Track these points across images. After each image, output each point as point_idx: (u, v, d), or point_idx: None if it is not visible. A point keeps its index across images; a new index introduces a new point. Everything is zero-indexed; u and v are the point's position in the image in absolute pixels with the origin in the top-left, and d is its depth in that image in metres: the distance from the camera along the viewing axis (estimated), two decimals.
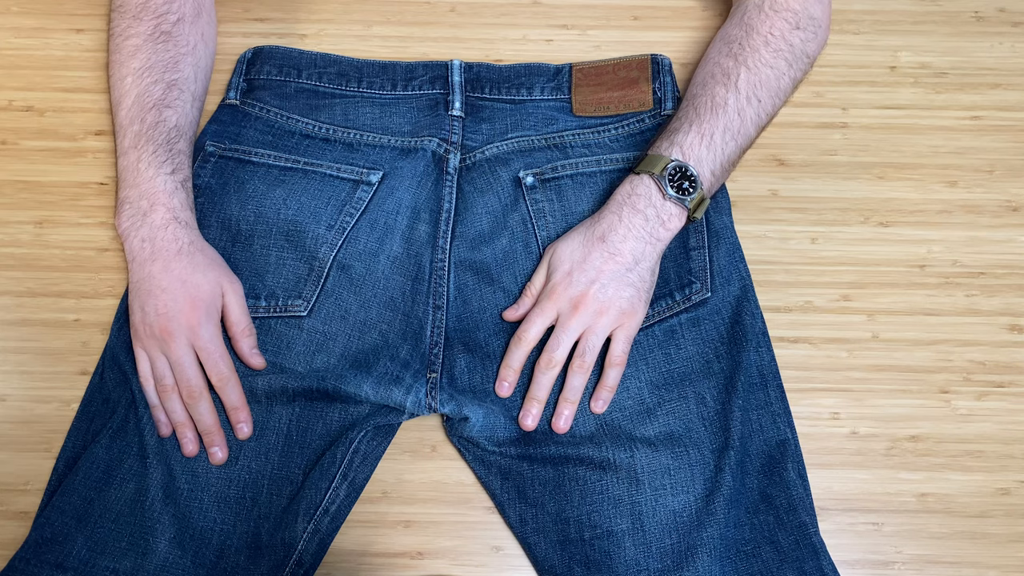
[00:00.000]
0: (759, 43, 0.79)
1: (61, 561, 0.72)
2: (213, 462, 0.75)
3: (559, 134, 0.85)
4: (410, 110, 0.86)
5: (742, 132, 0.77)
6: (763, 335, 0.79)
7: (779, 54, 0.79)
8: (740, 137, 0.77)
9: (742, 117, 0.77)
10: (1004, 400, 0.81)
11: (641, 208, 0.75)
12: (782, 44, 0.79)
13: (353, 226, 0.81)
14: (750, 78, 0.78)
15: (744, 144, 0.78)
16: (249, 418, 0.76)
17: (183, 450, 0.75)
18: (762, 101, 0.78)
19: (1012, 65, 0.90)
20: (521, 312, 0.78)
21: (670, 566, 0.72)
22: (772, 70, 0.78)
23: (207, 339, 0.75)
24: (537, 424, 0.76)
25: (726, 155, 0.77)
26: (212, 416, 0.75)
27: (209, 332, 0.75)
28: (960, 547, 0.77)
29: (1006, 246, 0.85)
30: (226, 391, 0.75)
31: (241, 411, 0.75)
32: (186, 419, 0.75)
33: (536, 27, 0.92)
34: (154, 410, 0.75)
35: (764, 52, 0.79)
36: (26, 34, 0.91)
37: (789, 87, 0.80)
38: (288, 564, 0.74)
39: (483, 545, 0.77)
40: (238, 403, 0.75)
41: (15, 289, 0.83)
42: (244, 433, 0.75)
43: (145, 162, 0.77)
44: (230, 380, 0.75)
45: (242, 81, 0.87)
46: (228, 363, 0.75)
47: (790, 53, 0.79)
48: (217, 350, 0.75)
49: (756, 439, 0.77)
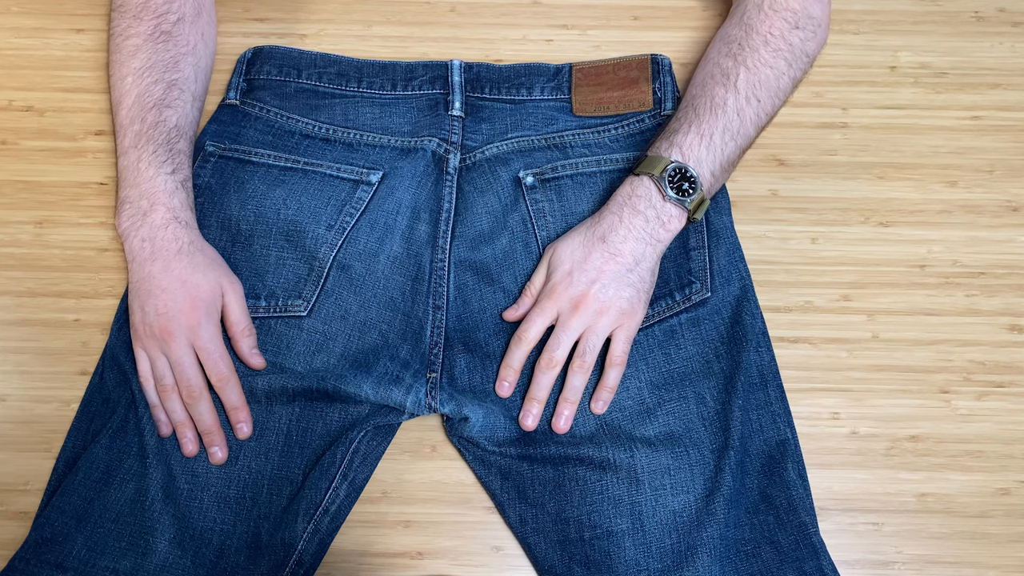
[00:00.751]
0: (758, 43, 0.79)
1: (61, 561, 0.72)
2: (213, 462, 0.75)
3: (559, 134, 0.85)
4: (410, 110, 0.86)
5: (741, 132, 0.77)
6: (763, 335, 0.79)
7: (779, 54, 0.79)
8: (740, 137, 0.77)
9: (741, 117, 0.77)
10: (1004, 400, 0.81)
11: (641, 209, 0.75)
12: (781, 44, 0.79)
13: (353, 226, 0.81)
14: (749, 78, 0.78)
15: (744, 144, 0.78)
16: (249, 418, 0.76)
17: (183, 450, 0.75)
18: (761, 101, 0.78)
19: (1012, 65, 0.90)
20: (521, 312, 0.78)
21: (670, 566, 0.72)
22: (772, 70, 0.78)
23: (207, 339, 0.75)
24: (537, 424, 0.76)
25: (726, 155, 0.77)
26: (212, 416, 0.75)
27: (209, 332, 0.75)
28: (960, 547, 0.77)
29: (1006, 246, 0.85)
30: (226, 391, 0.75)
31: (241, 411, 0.75)
32: (186, 419, 0.75)
33: (536, 27, 0.92)
34: (154, 410, 0.75)
35: (763, 52, 0.79)
36: (26, 34, 0.91)
37: (789, 87, 0.80)
38: (288, 564, 0.74)
39: (483, 545, 0.77)
40: (238, 403, 0.75)
41: (15, 289, 0.83)
42: (244, 433, 0.75)
43: (145, 162, 0.77)
44: (230, 380, 0.75)
45: (242, 81, 0.87)
46: (228, 363, 0.75)
47: (789, 53, 0.79)
48: (217, 350, 0.75)
49: (756, 439, 0.77)
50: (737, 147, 0.77)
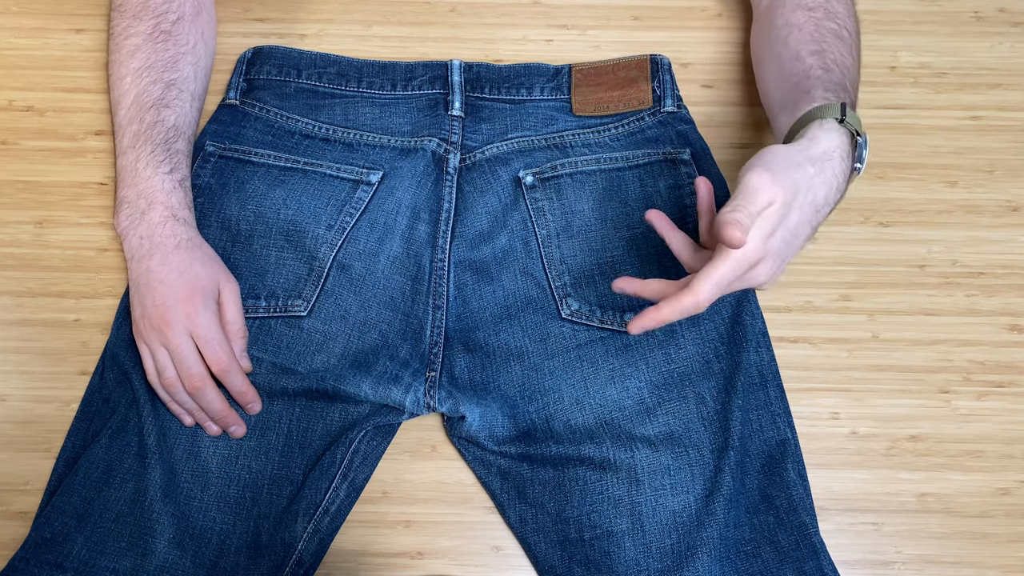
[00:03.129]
0: (840, 8, 0.77)
1: (61, 561, 0.72)
2: (236, 437, 0.76)
3: (559, 134, 0.85)
4: (410, 110, 0.86)
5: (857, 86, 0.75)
6: (763, 335, 0.79)
7: (850, 12, 0.78)
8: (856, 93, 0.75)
9: (858, 70, 0.75)
10: (1004, 400, 0.81)
11: (840, 171, 0.68)
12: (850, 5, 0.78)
13: (353, 226, 0.81)
14: (851, 42, 0.76)
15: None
16: (257, 398, 0.76)
17: (208, 431, 0.76)
18: (855, 58, 0.76)
19: (1012, 65, 0.90)
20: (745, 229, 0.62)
21: (670, 566, 0.72)
22: (852, 20, 0.77)
23: (204, 327, 0.74)
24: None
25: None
26: (220, 401, 0.75)
27: (206, 320, 0.75)
28: (960, 547, 0.77)
29: (1006, 246, 0.85)
30: (228, 378, 0.75)
31: (248, 393, 0.76)
32: (198, 406, 0.75)
33: (536, 27, 0.92)
34: (169, 405, 0.76)
35: (846, 16, 0.77)
36: (26, 34, 0.91)
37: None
38: (288, 564, 0.74)
39: (483, 545, 0.77)
40: (243, 387, 0.75)
41: (15, 289, 0.83)
42: (256, 411, 0.76)
43: (143, 161, 0.77)
44: (231, 367, 0.75)
45: (242, 81, 0.87)
46: (227, 350, 0.75)
47: (854, 7, 0.79)
48: (215, 337, 0.75)
49: (756, 439, 0.77)
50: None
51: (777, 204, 0.63)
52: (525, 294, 0.80)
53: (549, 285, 0.80)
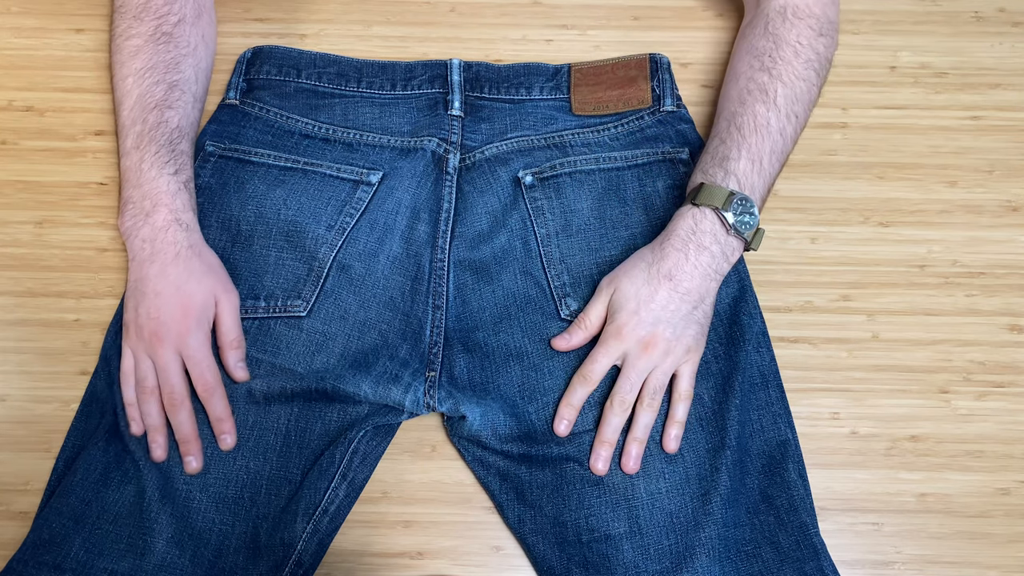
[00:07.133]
0: (789, 55, 0.77)
1: (59, 562, 0.72)
2: (188, 471, 0.74)
3: (558, 133, 0.85)
4: (410, 110, 0.86)
5: (784, 152, 0.76)
6: (763, 335, 0.79)
7: (809, 64, 0.78)
8: (783, 157, 0.76)
9: (784, 137, 0.76)
10: (1004, 400, 0.81)
11: (707, 245, 0.73)
12: (811, 54, 0.78)
13: (353, 226, 0.81)
14: (787, 93, 0.76)
15: (783, 163, 0.77)
16: (233, 429, 0.75)
17: (152, 454, 0.74)
18: (799, 116, 0.77)
19: (1012, 65, 0.90)
20: (574, 343, 0.76)
21: (669, 567, 0.72)
22: (804, 82, 0.77)
23: (195, 347, 0.74)
24: (608, 468, 0.74)
25: (772, 178, 0.76)
26: (191, 425, 0.74)
27: (198, 340, 0.74)
28: (960, 547, 0.77)
29: (1006, 246, 0.85)
30: (211, 401, 0.74)
31: (225, 422, 0.75)
32: (160, 424, 0.75)
33: (536, 27, 0.92)
34: (129, 408, 0.75)
35: (796, 64, 0.77)
36: (26, 34, 0.91)
37: (817, 96, 0.79)
38: (287, 564, 0.74)
39: (483, 545, 0.77)
40: (223, 414, 0.75)
41: (15, 289, 0.83)
42: (227, 444, 0.75)
43: (148, 162, 0.77)
44: (216, 390, 0.75)
45: (242, 81, 0.87)
46: (215, 373, 0.75)
47: (818, 62, 0.78)
48: (205, 359, 0.74)
49: (756, 439, 0.77)
50: (780, 168, 0.76)
51: (603, 294, 0.75)
52: (525, 294, 0.80)
53: (548, 285, 0.80)
